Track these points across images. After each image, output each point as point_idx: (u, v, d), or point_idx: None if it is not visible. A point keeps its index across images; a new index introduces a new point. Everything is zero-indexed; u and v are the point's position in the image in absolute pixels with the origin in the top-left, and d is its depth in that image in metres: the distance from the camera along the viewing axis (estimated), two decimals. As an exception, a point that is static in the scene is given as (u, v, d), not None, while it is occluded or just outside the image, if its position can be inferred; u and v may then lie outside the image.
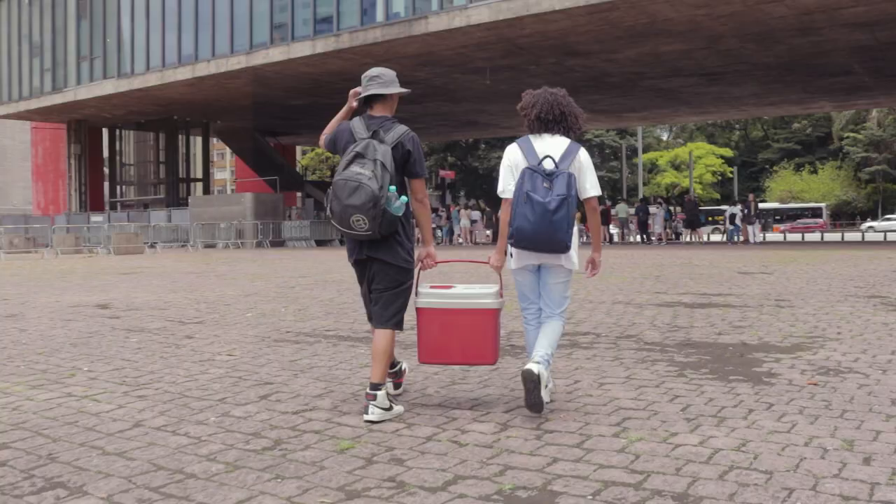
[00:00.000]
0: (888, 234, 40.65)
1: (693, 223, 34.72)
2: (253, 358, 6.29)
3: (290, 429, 4.11)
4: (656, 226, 34.51)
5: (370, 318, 4.57)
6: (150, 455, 3.68)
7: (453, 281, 5.41)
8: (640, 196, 50.80)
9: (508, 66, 29.99)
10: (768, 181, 76.52)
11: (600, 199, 4.64)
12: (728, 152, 75.16)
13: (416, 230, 4.74)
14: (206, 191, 48.93)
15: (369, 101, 4.47)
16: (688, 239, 35.32)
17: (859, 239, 38.99)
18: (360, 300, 4.91)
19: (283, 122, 43.75)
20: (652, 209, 35.23)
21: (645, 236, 34.91)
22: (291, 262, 21.86)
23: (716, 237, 42.99)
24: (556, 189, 4.11)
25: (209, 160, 52.11)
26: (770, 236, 41.85)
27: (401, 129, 4.34)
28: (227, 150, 68.59)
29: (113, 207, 46.92)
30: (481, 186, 63.69)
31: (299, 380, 5.38)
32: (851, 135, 73.19)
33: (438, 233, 38.37)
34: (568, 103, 4.47)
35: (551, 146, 4.34)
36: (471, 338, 4.44)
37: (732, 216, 32.46)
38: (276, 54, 30.69)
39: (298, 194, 46.82)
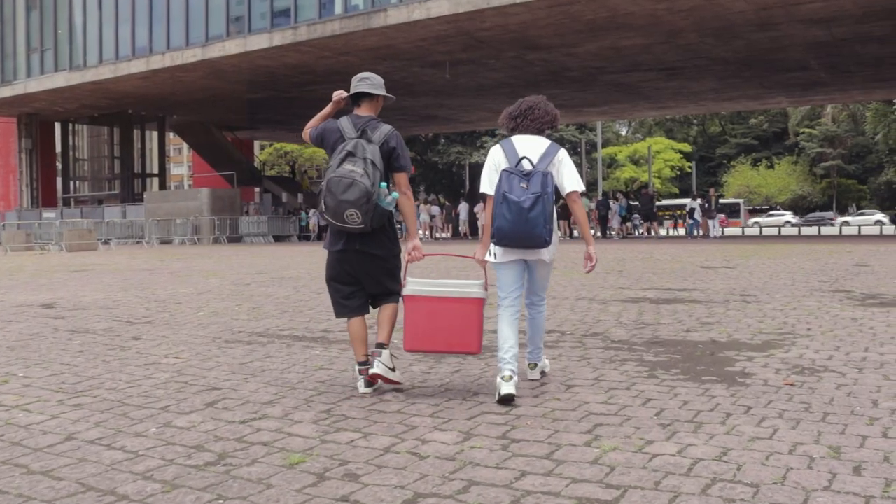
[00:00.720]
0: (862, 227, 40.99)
1: (649, 216, 34.75)
2: (201, 361, 5.94)
3: (237, 440, 3.79)
4: (614, 220, 34.47)
5: (338, 313, 4.93)
6: (79, 474, 3.34)
7: (436, 277, 5.78)
8: (601, 191, 50.82)
9: (468, 59, 29.74)
10: (726, 176, 77.21)
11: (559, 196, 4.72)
12: (686, 147, 75.59)
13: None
14: (163, 186, 48.03)
15: (357, 100, 4.82)
16: (644, 232, 35.31)
17: (815, 233, 39.35)
18: (318, 297, 4.90)
19: (241, 116, 43.06)
20: (611, 204, 35.20)
21: (605, 231, 34.86)
22: (248, 258, 21.39)
23: (679, 231, 43.13)
24: (532, 188, 4.31)
25: (165, 155, 51.19)
26: (728, 230, 42.03)
27: (386, 128, 4.68)
28: (185, 145, 67.54)
29: (66, 203, 45.84)
30: (441, 181, 63.33)
31: (249, 384, 5.05)
32: (807, 130, 74.18)
33: (398, 227, 38.00)
34: (537, 101, 4.75)
35: (531, 147, 4.55)
36: (456, 326, 4.60)
37: (692, 210, 32.51)
38: (233, 47, 30.12)
39: (256, 189, 46.24)
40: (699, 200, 33.06)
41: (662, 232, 40.64)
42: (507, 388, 4.32)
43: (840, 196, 73.09)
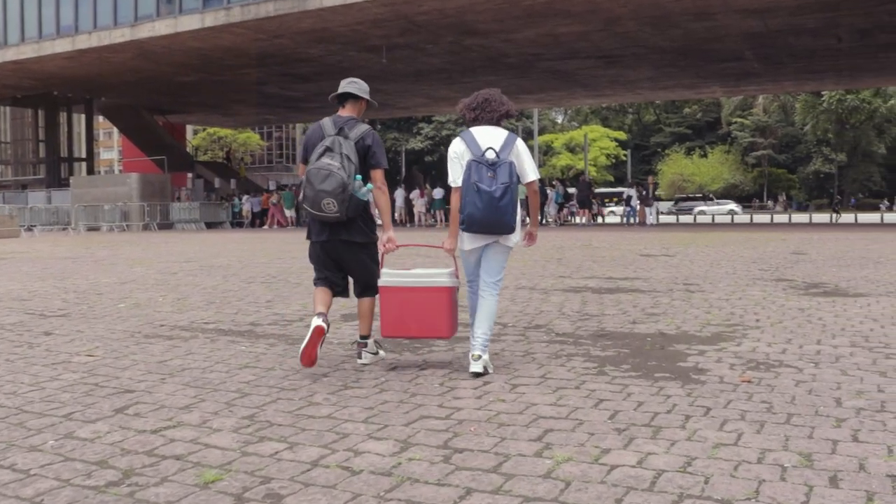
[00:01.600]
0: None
1: (585, 203, 34.70)
2: (116, 359, 5.45)
3: (146, 453, 3.36)
4: (550, 207, 34.34)
5: (317, 281, 5.17)
6: (-45, 497, 2.88)
7: (410, 266, 5.88)
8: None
9: (405, 44, 29.25)
10: (660, 164, 78.02)
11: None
12: (622, 135, 76.23)
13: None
14: (91, 171, 46.53)
15: (343, 100, 5.12)
16: (581, 220, 35.28)
17: (748, 221, 39.83)
18: (248, 287, 6.40)
19: (172, 99, 41.89)
20: (548, 191, 35.06)
21: (541, 218, 34.72)
22: (178, 245, 20.67)
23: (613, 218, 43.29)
24: (500, 178, 4.60)
25: (93, 139, 49.57)
26: (663, 218, 42.32)
27: (363, 127, 5.00)
28: (115, 129, 65.59)
29: (-13, 188, 44.14)
30: None
31: (166, 386, 4.60)
32: (739, 120, 75.38)
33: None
34: (492, 94, 4.97)
35: (492, 138, 4.78)
36: (427, 313, 4.88)
37: (629, 198, 32.55)
38: (163, 27, 29.13)
39: (189, 175, 45.07)
40: (636, 188, 33.13)
41: (609, 219, 40.71)
42: (474, 366, 4.68)
43: (771, 185, 74.46)
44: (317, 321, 4.77)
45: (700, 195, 70.25)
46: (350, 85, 5.15)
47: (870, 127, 67.65)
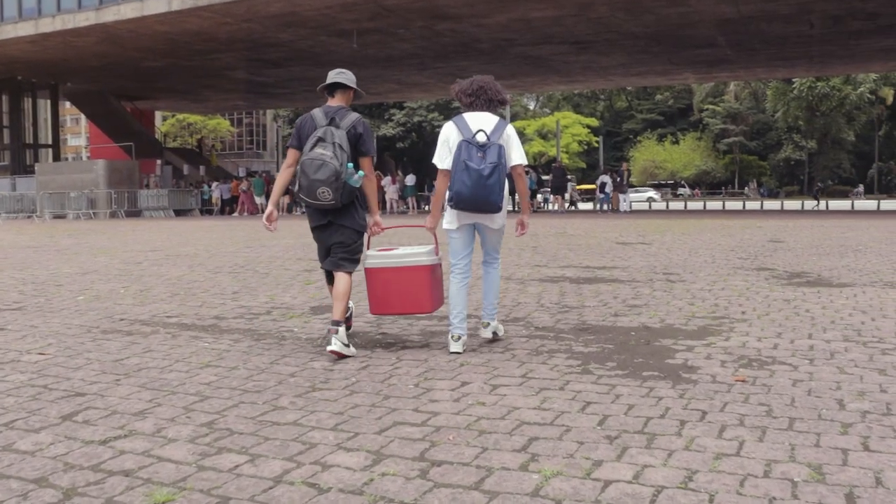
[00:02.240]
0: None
1: (559, 189, 34.46)
2: (69, 357, 5.09)
3: (92, 469, 3.03)
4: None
5: (325, 273, 5.38)
6: None
7: (395, 244, 6.02)
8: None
9: (376, 29, 28.79)
10: (632, 151, 77.99)
11: None
12: (594, 122, 76.02)
13: None
14: (57, 158, 45.57)
15: (332, 90, 5.29)
16: (554, 207, 35.06)
17: (720, 207, 39.85)
18: (215, 277, 7.21)
19: (140, 85, 41.11)
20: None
21: (514, 204, 34.45)
22: (145, 233, 20.16)
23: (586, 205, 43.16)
24: (489, 158, 4.79)
25: (59, 125, 48.63)
26: (636, 205, 42.22)
27: (353, 116, 5.19)
28: (83, 115, 64.31)
29: (-51, 175, 43.10)
30: None
31: (120, 388, 4.26)
32: (711, 107, 75.45)
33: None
34: (488, 82, 5.16)
35: (483, 122, 4.97)
36: (409, 290, 5.16)
37: (603, 185, 32.36)
38: (129, 11, 28.42)
39: (158, 161, 44.31)
40: (610, 175, 32.95)
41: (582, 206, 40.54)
42: (454, 347, 4.99)
43: (742, 172, 74.68)
44: (333, 346, 4.86)
45: (671, 182, 70.48)
46: (339, 75, 5.30)
47: (840, 114, 67.77)
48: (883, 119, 71.03)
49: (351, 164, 4.98)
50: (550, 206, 35.55)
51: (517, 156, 5.07)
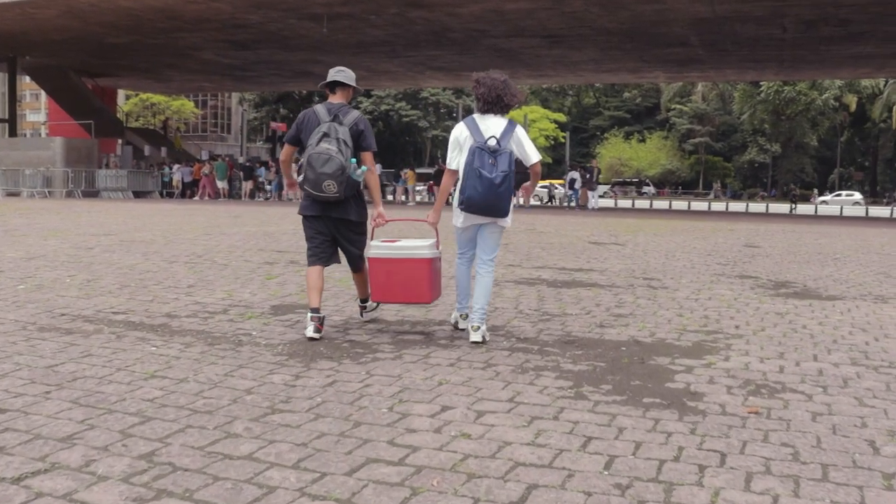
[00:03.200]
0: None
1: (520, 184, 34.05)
2: (-4, 360, 4.51)
3: (-2, 515, 2.49)
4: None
5: (309, 262, 5.52)
6: None
7: (399, 237, 6.08)
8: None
9: (348, 14, 28.04)
10: (599, 147, 77.89)
11: (443, 161, 4.94)
12: (561, 117, 75.80)
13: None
14: (13, 133, 44.17)
15: (333, 88, 5.47)
16: (520, 201, 34.62)
17: (685, 207, 39.76)
18: (170, 268, 7.21)
19: (102, 61, 39.83)
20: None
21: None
22: (100, 215, 19.34)
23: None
24: (500, 166, 4.95)
25: (17, 100, 47.18)
26: (601, 202, 41.98)
27: (355, 113, 5.40)
28: (43, 91, 62.47)
29: None
30: None
31: (49, 404, 3.69)
32: (678, 107, 75.55)
33: (268, 187, 36.02)
34: (505, 86, 5.21)
35: (493, 126, 5.13)
36: (409, 281, 5.35)
37: (572, 181, 32.00)
38: (91, -17, 27.40)
39: (119, 141, 43.13)
40: (579, 171, 32.60)
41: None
42: (463, 323, 5.43)
43: (707, 172, 74.87)
44: (309, 331, 5.20)
45: (636, 179, 70.51)
46: (339, 74, 5.47)
47: (805, 119, 68.13)
48: (846, 125, 71.62)
49: (354, 160, 5.20)
50: (518, 200, 35.12)
51: (532, 154, 5.24)
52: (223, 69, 40.88)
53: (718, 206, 44.00)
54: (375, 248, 5.46)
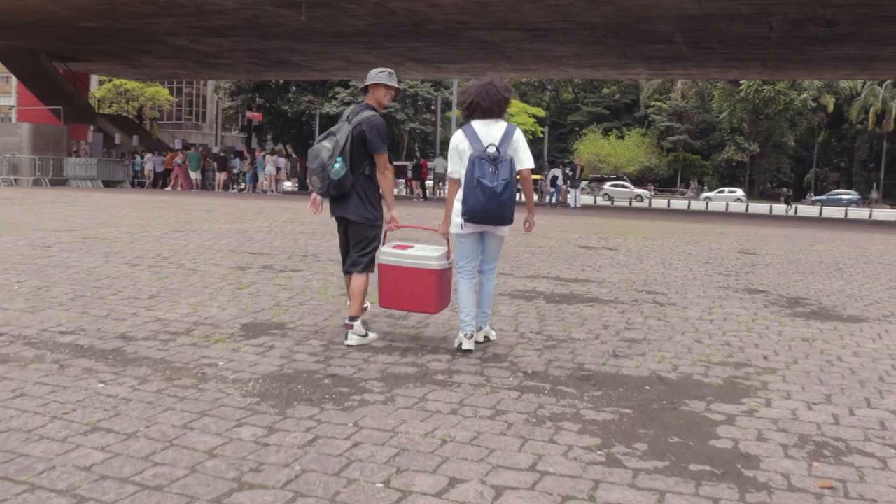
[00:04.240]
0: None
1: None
2: None
3: None
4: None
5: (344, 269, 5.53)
6: None
7: (412, 241, 5.93)
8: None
9: (327, 2, 27.16)
10: (577, 143, 77.25)
11: (421, 155, 5.33)
12: (540, 112, 75.12)
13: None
14: (-20, 118, 42.90)
15: (366, 90, 5.43)
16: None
17: (665, 206, 39.29)
18: (132, 273, 7.14)
19: (75, 45, 38.56)
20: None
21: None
22: (66, 206, 18.39)
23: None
24: (501, 175, 4.86)
25: (-16, 84, 45.79)
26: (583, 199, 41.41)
27: (365, 114, 5.27)
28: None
29: None
30: (290, 130, 59.44)
31: (-42, 471, 2.95)
32: (657, 104, 75.17)
33: (242, 182, 35.06)
34: (495, 94, 5.11)
35: (492, 132, 5.03)
36: (417, 290, 5.26)
37: (554, 178, 31.37)
38: (62, -35, 26.32)
39: (90, 128, 41.93)
40: (561, 168, 32.00)
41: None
42: (467, 344, 5.12)
43: (685, 170, 74.60)
44: (350, 341, 5.21)
45: (614, 176, 69.95)
46: (372, 76, 5.42)
47: (783, 119, 67.92)
48: (823, 126, 71.60)
49: (339, 159, 5.10)
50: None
51: (525, 159, 5.11)
52: (198, 56, 39.77)
53: (698, 204, 43.56)
54: (385, 254, 5.37)
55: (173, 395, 3.97)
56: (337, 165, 5.11)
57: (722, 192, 59.22)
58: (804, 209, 43.17)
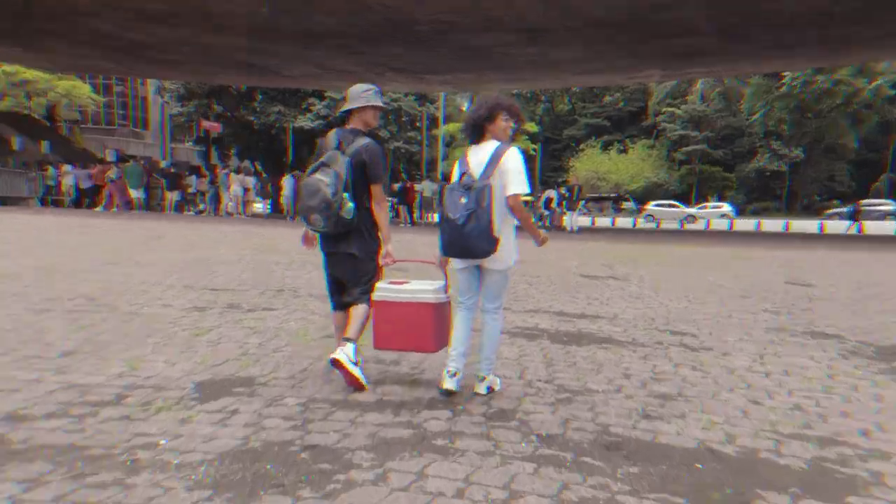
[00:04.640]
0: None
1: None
2: None
3: None
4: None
5: (334, 306, 5.80)
6: None
7: (407, 276, 6.37)
8: (441, 173, 49.36)
9: (291, -10, 26.91)
10: (572, 160, 76.62)
11: (409, 178, 5.53)
12: (533, 128, 74.85)
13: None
14: None
15: (348, 114, 5.70)
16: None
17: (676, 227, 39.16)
18: (38, 322, 6.82)
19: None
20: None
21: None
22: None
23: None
24: (468, 205, 5.03)
25: None
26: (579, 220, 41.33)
27: (361, 141, 5.54)
28: None
29: None
30: (258, 144, 58.05)
31: None
32: (669, 110, 74.52)
33: (201, 204, 34.34)
34: (473, 110, 5.35)
35: (479, 157, 5.24)
36: (412, 328, 5.38)
37: (548, 200, 31.27)
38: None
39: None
40: (556, 190, 31.99)
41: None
42: (448, 384, 5.23)
43: (702, 185, 72.88)
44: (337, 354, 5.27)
45: (614, 195, 69.62)
46: (350, 102, 5.63)
47: (842, 115, 63.24)
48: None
49: (347, 194, 5.32)
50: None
51: (511, 185, 5.12)
52: (132, 47, 38.57)
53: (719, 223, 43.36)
54: (381, 290, 5.48)
55: (81, 502, 3.51)
56: (350, 206, 5.33)
57: (703, 207, 57.82)
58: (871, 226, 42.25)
